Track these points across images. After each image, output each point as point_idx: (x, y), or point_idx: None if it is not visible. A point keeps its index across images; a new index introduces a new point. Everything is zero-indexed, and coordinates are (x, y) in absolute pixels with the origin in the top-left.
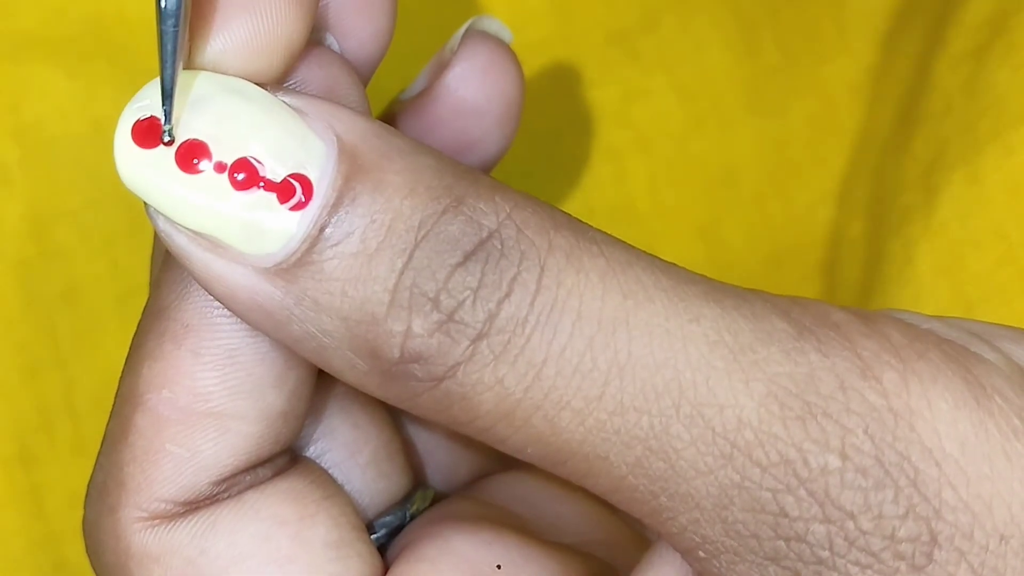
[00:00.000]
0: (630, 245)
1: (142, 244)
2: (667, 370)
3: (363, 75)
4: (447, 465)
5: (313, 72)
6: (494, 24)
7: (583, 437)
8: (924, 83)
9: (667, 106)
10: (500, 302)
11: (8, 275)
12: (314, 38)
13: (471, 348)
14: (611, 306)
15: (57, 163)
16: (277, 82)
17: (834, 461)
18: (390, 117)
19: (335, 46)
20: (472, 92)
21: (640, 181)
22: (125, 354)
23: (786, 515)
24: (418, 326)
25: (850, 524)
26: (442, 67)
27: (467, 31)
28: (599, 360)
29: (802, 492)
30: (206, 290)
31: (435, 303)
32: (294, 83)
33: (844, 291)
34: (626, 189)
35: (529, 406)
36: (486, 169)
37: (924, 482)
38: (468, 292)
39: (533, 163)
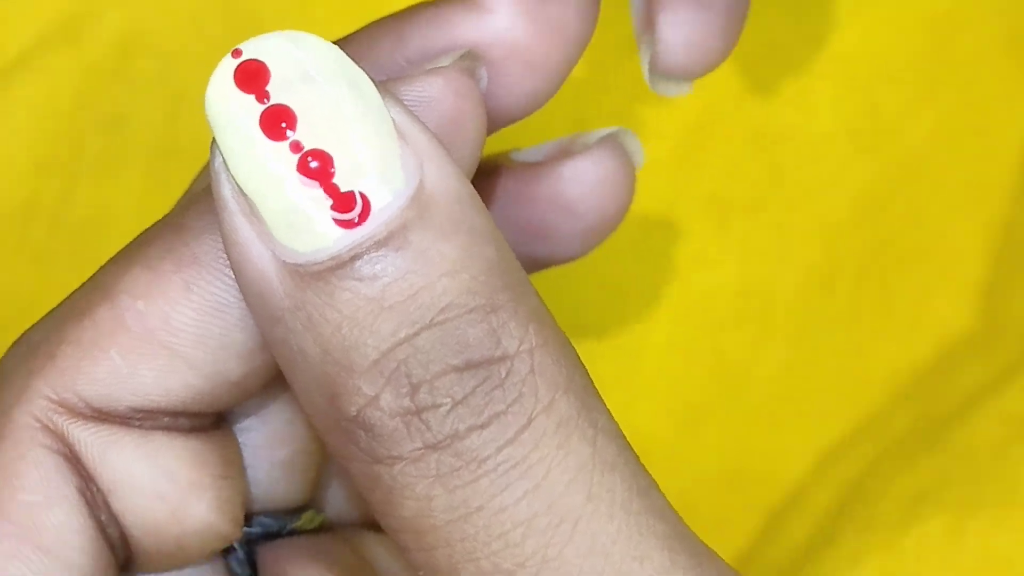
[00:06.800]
0: (628, 445)
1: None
2: None
3: (494, 126)
4: (355, 495)
5: (446, 94)
6: (634, 143)
7: None
8: None
9: (670, 106)
10: (471, 429)
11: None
12: (467, 65)
13: (420, 452)
14: (570, 499)
15: None
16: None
17: None
18: (494, 165)
19: (483, 82)
20: (576, 195)
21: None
22: None
23: None
24: (385, 401)
25: None
26: (565, 154)
27: (608, 136)
28: (529, 541)
29: None
30: (223, 244)
31: (413, 390)
32: (422, 92)
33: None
34: None
35: (441, 538)
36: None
37: None
38: (448, 401)
39: None
